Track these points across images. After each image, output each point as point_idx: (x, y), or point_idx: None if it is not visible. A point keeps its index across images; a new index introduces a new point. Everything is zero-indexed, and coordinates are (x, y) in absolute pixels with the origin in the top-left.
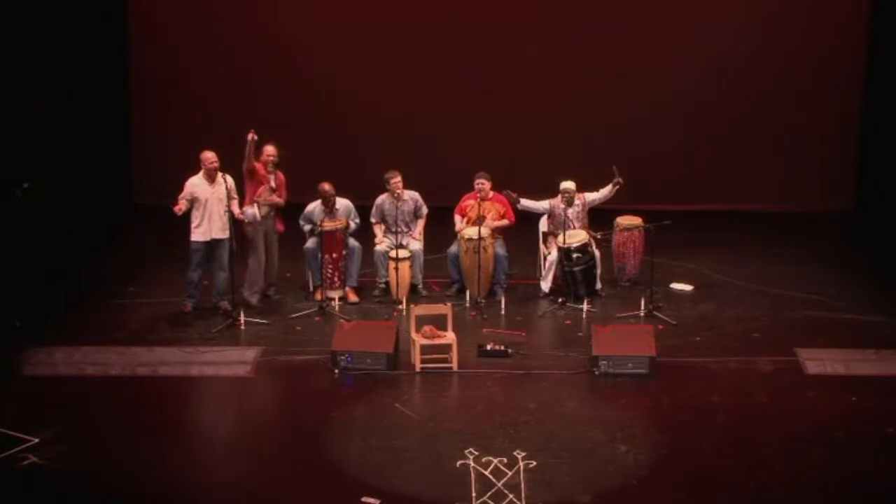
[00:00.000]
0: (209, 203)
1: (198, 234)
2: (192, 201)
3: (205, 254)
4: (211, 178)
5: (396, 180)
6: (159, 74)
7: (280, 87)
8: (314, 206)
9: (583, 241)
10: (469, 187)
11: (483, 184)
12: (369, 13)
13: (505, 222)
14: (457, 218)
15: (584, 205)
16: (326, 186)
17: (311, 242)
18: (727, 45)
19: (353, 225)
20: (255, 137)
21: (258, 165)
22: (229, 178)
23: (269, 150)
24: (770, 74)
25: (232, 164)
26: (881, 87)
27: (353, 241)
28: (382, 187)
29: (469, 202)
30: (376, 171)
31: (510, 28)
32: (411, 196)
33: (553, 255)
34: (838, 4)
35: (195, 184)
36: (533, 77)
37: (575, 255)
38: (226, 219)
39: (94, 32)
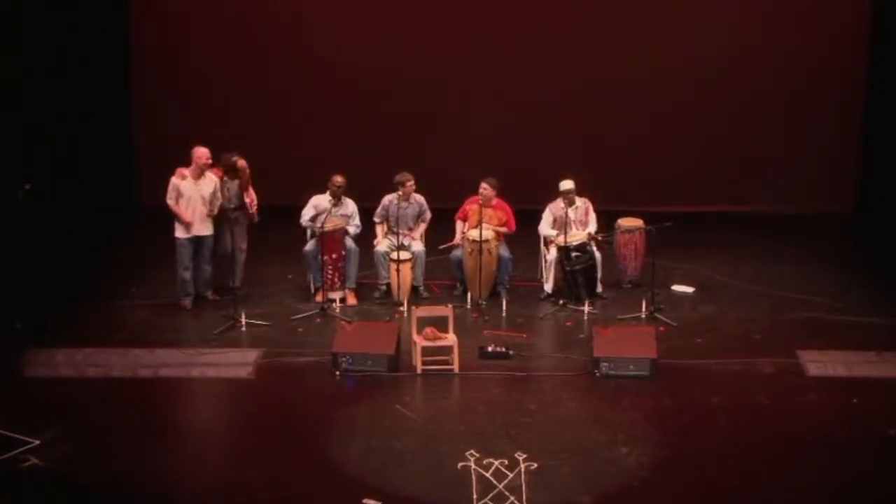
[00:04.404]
0: (193, 200)
1: (182, 231)
2: (178, 198)
3: (190, 250)
4: (198, 175)
5: (410, 183)
6: (161, 74)
7: (284, 87)
8: (321, 198)
9: (582, 241)
10: (472, 190)
11: (486, 189)
12: (374, 14)
13: (504, 230)
14: (458, 224)
15: (587, 211)
16: (339, 179)
17: (310, 244)
18: (727, 46)
19: (352, 230)
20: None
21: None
22: (215, 179)
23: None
24: (770, 76)
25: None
26: (881, 88)
27: (350, 243)
28: (385, 189)
29: (472, 206)
30: (379, 172)
31: (514, 32)
32: (417, 200)
33: (552, 254)
34: (839, 5)
35: (181, 181)
36: (536, 81)
37: (574, 255)
38: (207, 218)
39: (96, 32)
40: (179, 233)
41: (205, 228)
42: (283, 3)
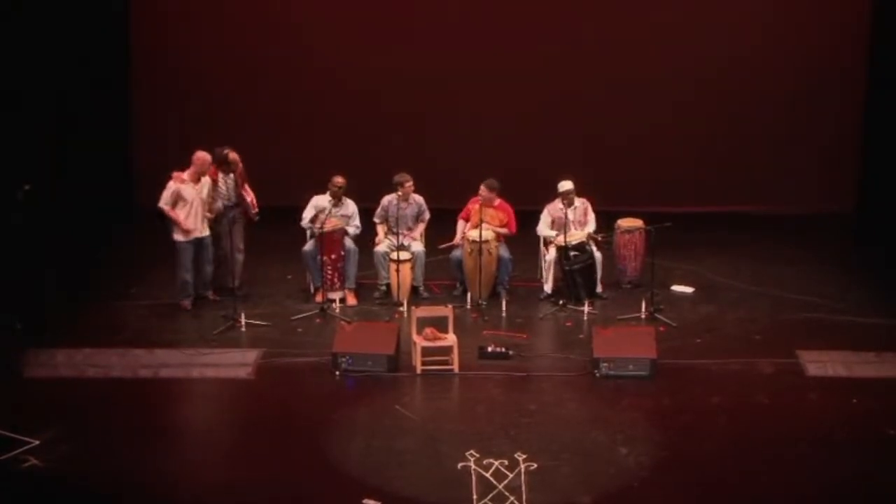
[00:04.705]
0: (194, 203)
1: (183, 235)
2: (177, 201)
3: (192, 253)
4: (197, 179)
5: (409, 184)
6: (161, 75)
7: (284, 88)
8: (321, 198)
9: (580, 240)
10: (472, 191)
11: (483, 190)
12: (375, 15)
13: (504, 231)
14: (460, 223)
15: (585, 211)
16: (340, 179)
17: (309, 245)
18: (726, 46)
19: (352, 230)
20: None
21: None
22: (209, 182)
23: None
24: (770, 76)
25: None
26: (881, 88)
27: (349, 243)
28: (385, 189)
29: (474, 206)
30: (379, 172)
31: (514, 33)
32: (416, 200)
33: (551, 254)
34: (838, 5)
35: (181, 185)
36: (536, 81)
37: (573, 254)
38: (205, 219)
39: (95, 32)
40: (179, 236)
41: (204, 230)
42: (282, 3)
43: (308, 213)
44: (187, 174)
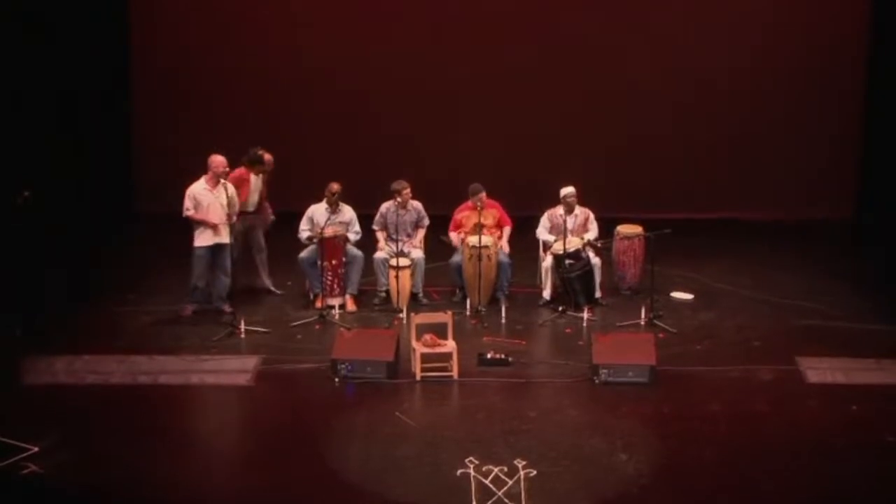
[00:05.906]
0: (212, 208)
1: (202, 240)
2: (196, 208)
3: (209, 260)
4: (214, 184)
5: (406, 191)
6: (161, 81)
7: (284, 94)
8: (317, 207)
9: (575, 247)
10: (465, 198)
11: (474, 198)
12: (374, 21)
13: (506, 228)
14: (452, 235)
15: (586, 220)
16: (335, 186)
17: (306, 251)
18: (727, 52)
19: (353, 237)
20: None
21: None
22: (230, 186)
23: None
24: (770, 81)
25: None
26: (881, 94)
27: (354, 249)
28: (383, 196)
29: (465, 213)
30: (378, 179)
31: (513, 39)
32: (414, 206)
33: (547, 261)
34: (838, 9)
35: (197, 191)
36: (536, 86)
37: (567, 262)
38: (226, 225)
39: (96, 38)
40: (199, 242)
41: (226, 235)
42: (282, 10)
43: (304, 225)
44: (205, 179)
